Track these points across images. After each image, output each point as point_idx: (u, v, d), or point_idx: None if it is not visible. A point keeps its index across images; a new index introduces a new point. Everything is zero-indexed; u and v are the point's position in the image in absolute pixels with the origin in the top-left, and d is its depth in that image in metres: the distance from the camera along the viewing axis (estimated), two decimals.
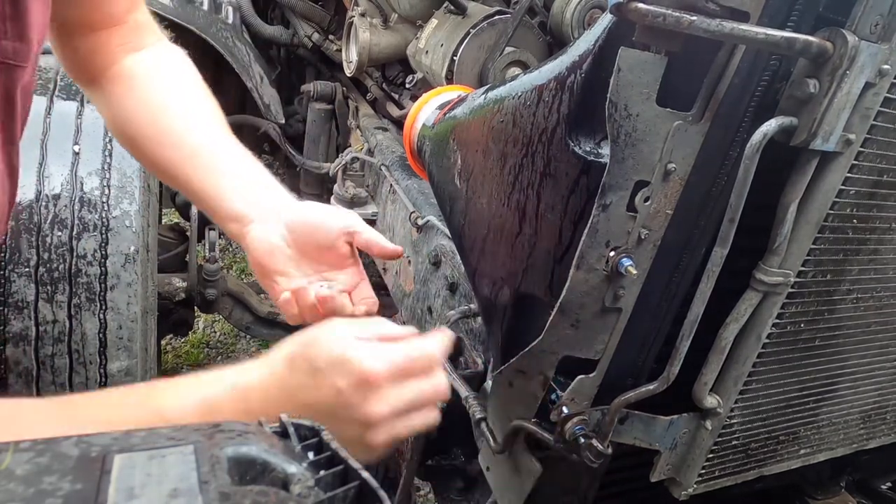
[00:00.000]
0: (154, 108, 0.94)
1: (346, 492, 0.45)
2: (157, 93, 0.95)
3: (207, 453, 0.41)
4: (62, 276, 1.59)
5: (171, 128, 0.92)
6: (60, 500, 0.36)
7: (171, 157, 0.92)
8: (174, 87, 0.96)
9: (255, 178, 0.91)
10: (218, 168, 0.90)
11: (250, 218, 0.87)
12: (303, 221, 0.87)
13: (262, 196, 0.89)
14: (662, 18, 0.64)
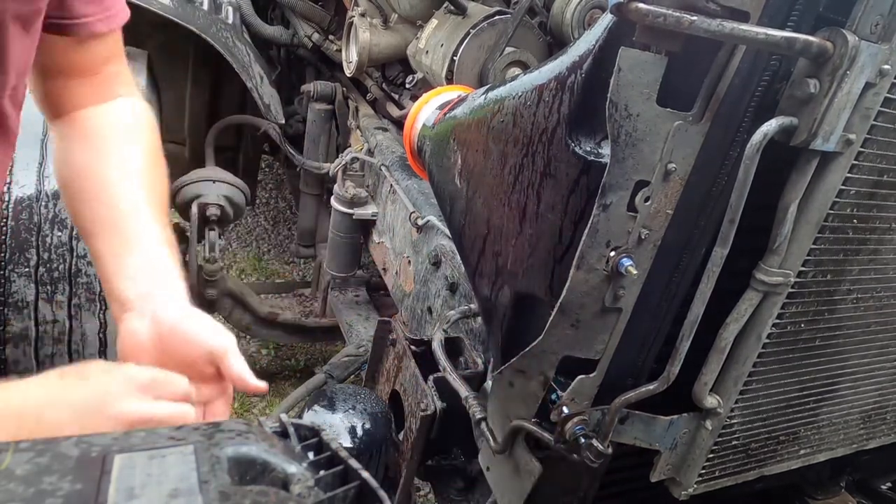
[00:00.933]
0: (93, 166, 0.94)
1: (346, 492, 0.45)
2: (102, 152, 0.95)
3: (207, 453, 0.41)
4: (62, 276, 1.59)
5: (101, 192, 0.91)
6: (60, 500, 0.36)
7: (91, 219, 0.91)
8: (121, 150, 0.96)
9: (155, 269, 0.88)
10: (126, 248, 0.88)
11: (131, 306, 0.85)
12: (174, 330, 0.82)
13: (151, 289, 0.86)
14: (663, 18, 0.64)
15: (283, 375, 3.13)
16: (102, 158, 0.95)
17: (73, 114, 0.98)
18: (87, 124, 0.98)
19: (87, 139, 0.97)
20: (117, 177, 0.92)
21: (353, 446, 1.18)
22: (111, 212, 0.90)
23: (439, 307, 1.61)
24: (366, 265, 2.58)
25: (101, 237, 0.89)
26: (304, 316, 2.76)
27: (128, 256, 0.87)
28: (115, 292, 0.86)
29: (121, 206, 0.90)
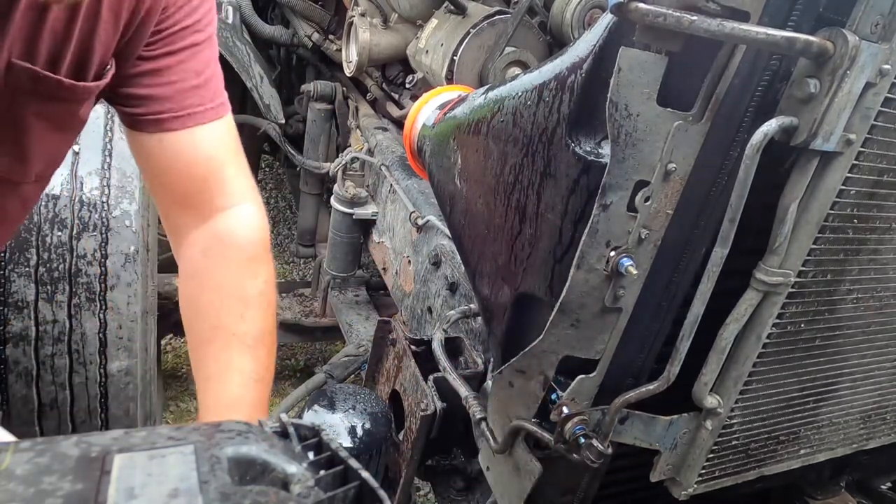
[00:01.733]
0: (200, 322, 0.97)
1: (346, 492, 0.45)
2: (206, 304, 0.96)
3: (207, 453, 0.41)
4: (62, 275, 1.59)
5: (207, 364, 0.96)
6: (60, 500, 0.36)
7: (200, 367, 0.98)
8: (223, 302, 0.96)
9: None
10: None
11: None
12: None
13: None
14: (663, 18, 0.64)
15: (283, 375, 3.13)
16: (210, 316, 0.96)
17: (185, 243, 0.96)
18: (195, 259, 0.96)
19: (197, 279, 0.97)
20: (215, 365, 0.96)
21: (353, 446, 1.18)
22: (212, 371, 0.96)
23: (439, 307, 1.61)
24: (366, 265, 2.58)
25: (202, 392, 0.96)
26: (303, 316, 2.76)
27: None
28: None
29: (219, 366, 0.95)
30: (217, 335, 0.94)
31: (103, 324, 1.64)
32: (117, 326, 1.65)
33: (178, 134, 0.88)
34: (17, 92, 0.75)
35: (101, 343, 1.65)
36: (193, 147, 0.90)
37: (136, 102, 0.86)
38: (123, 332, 1.66)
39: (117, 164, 1.67)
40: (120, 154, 1.69)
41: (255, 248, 0.99)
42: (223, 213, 0.96)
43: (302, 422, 0.50)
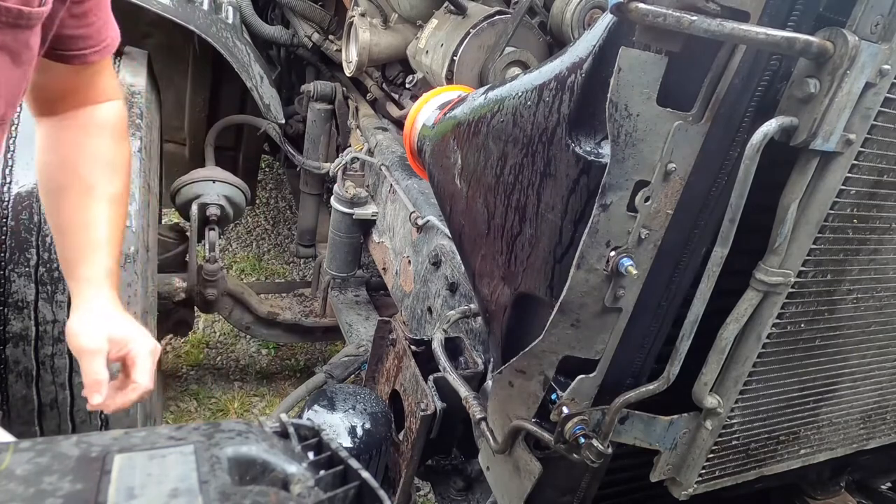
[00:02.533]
0: (60, 176, 1.09)
1: (346, 492, 0.45)
2: (69, 160, 1.09)
3: (207, 453, 0.41)
4: (62, 275, 1.59)
5: (74, 215, 1.09)
6: (60, 500, 0.36)
7: (67, 219, 1.10)
8: (86, 158, 1.10)
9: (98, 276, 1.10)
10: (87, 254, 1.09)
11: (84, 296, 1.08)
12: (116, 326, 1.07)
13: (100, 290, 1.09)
14: (663, 18, 0.64)
15: (283, 375, 3.13)
16: (87, 166, 1.10)
17: (63, 113, 1.10)
18: (75, 123, 1.10)
19: (60, 143, 1.10)
20: (81, 191, 1.09)
21: (353, 446, 1.18)
22: (83, 221, 1.09)
23: (439, 307, 1.61)
24: (366, 265, 2.58)
25: (70, 237, 1.10)
26: (303, 316, 2.76)
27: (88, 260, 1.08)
28: (75, 278, 1.09)
29: (91, 228, 1.09)
30: (88, 191, 1.09)
31: None
32: None
33: (93, 65, 1.03)
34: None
35: None
36: (96, 72, 1.06)
37: (68, 43, 0.97)
38: None
39: None
40: None
41: (122, 126, 1.16)
42: (98, 104, 1.12)
43: (302, 422, 0.50)
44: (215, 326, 3.34)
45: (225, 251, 4.00)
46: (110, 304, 1.08)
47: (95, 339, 1.02)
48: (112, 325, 1.05)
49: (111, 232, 1.11)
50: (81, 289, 1.08)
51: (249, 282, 3.39)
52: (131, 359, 1.05)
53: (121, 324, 1.07)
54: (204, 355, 3.19)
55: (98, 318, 1.05)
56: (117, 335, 1.05)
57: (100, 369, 1.01)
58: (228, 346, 3.27)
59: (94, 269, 1.08)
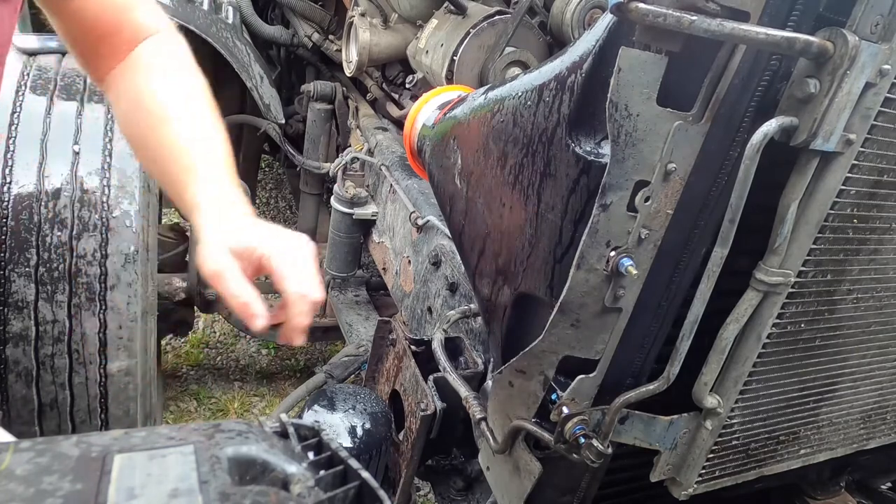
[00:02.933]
0: (145, 111, 0.98)
1: (346, 492, 0.45)
2: (148, 96, 0.98)
3: (207, 453, 0.41)
4: (62, 275, 1.59)
5: (162, 132, 0.97)
6: (60, 500, 0.36)
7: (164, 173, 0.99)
8: (167, 90, 0.99)
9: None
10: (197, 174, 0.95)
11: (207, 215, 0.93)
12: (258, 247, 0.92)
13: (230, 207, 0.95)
14: (663, 18, 0.64)
15: (283, 375, 3.13)
16: (155, 102, 0.98)
17: (114, 71, 1.00)
18: (128, 70, 1.00)
19: (133, 86, 0.99)
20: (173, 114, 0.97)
21: (353, 446, 1.18)
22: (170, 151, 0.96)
23: (439, 307, 1.61)
24: (366, 265, 2.58)
25: (168, 174, 0.97)
26: None
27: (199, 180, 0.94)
28: (185, 209, 0.95)
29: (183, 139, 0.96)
30: (171, 116, 0.97)
31: (103, 324, 1.64)
32: (117, 326, 1.65)
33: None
34: None
35: (101, 343, 1.65)
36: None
37: None
38: (123, 332, 1.66)
39: (117, 164, 1.67)
40: (120, 154, 1.69)
41: (185, 51, 1.04)
42: (148, 37, 1.02)
43: (302, 422, 0.50)
44: (215, 326, 3.34)
45: None
46: (224, 217, 0.91)
47: (213, 260, 0.85)
48: (230, 237, 0.87)
49: (205, 145, 0.96)
50: (192, 219, 0.92)
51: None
52: (269, 268, 0.87)
53: (242, 231, 0.89)
54: (204, 355, 3.19)
55: (211, 237, 0.88)
56: (239, 245, 0.87)
57: (235, 289, 0.83)
58: (228, 346, 3.27)
59: (193, 189, 0.92)
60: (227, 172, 0.96)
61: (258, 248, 0.87)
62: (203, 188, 0.93)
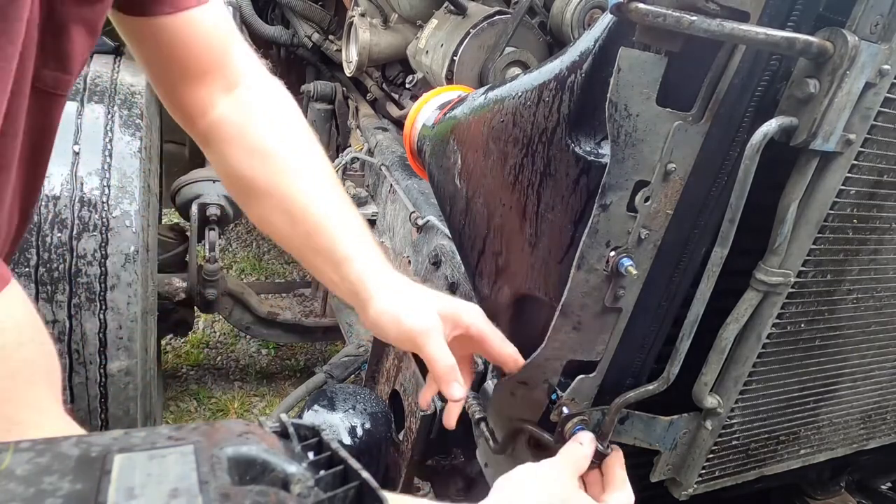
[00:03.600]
0: (265, 167, 0.93)
1: (346, 492, 0.45)
2: (262, 150, 0.94)
3: (207, 453, 0.41)
4: (62, 276, 1.59)
5: (292, 195, 0.92)
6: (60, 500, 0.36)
7: (295, 226, 0.92)
8: (282, 142, 0.95)
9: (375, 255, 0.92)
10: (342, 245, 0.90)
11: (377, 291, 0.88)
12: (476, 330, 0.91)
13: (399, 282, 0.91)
14: (663, 18, 0.64)
15: (283, 375, 3.13)
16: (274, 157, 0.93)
17: (208, 118, 0.96)
18: (230, 124, 0.95)
19: (239, 141, 0.94)
20: (299, 172, 0.92)
21: (353, 446, 1.18)
22: (314, 218, 0.91)
23: None
24: None
25: (309, 226, 0.91)
26: (304, 316, 2.76)
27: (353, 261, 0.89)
28: (343, 263, 0.89)
29: (319, 207, 0.91)
30: (298, 168, 0.93)
31: (103, 324, 1.64)
32: (117, 326, 1.65)
33: (194, 11, 0.89)
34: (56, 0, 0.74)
35: (101, 343, 1.65)
36: (208, 21, 0.91)
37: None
38: (123, 332, 1.66)
39: (117, 164, 1.68)
40: (120, 154, 1.69)
41: (288, 97, 1.00)
42: (247, 76, 0.97)
43: (302, 422, 0.50)
44: (215, 326, 3.34)
45: (225, 251, 4.00)
46: (405, 278, 0.89)
47: (425, 317, 0.83)
48: (434, 300, 0.86)
49: (349, 203, 0.93)
50: (361, 273, 0.88)
51: (249, 282, 3.39)
52: (478, 334, 0.87)
53: (441, 297, 0.88)
54: (204, 355, 3.19)
55: (410, 293, 0.86)
56: (446, 309, 0.85)
57: (443, 351, 0.82)
58: (228, 346, 3.27)
59: (362, 247, 0.89)
60: (370, 236, 0.94)
61: (462, 315, 0.87)
62: (369, 247, 0.90)
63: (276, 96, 0.99)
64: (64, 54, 0.79)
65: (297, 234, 0.92)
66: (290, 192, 0.92)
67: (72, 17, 0.78)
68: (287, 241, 0.95)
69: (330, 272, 0.91)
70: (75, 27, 0.79)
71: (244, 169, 0.95)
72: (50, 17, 0.76)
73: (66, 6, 0.76)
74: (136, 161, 1.70)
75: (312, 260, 0.93)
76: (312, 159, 0.95)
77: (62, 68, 0.80)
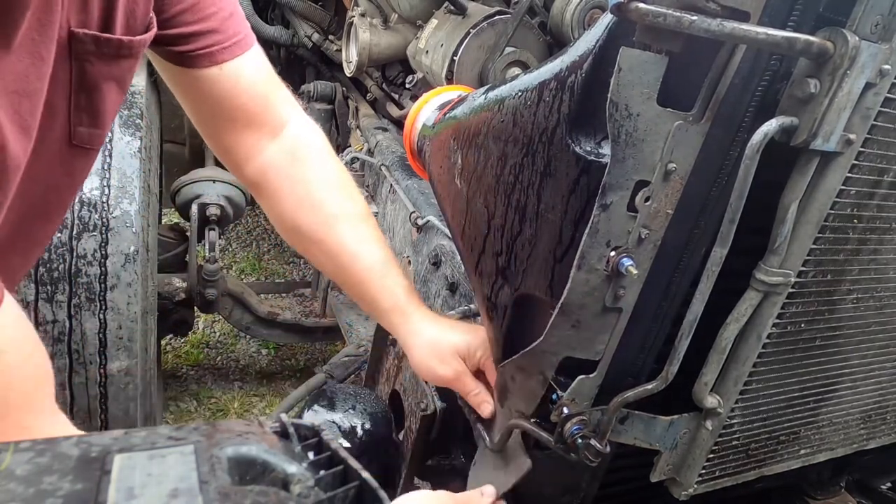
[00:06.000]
0: (313, 217, 1.03)
1: (346, 492, 0.45)
2: (311, 200, 1.03)
3: (207, 453, 0.41)
4: (62, 276, 1.59)
5: (338, 247, 1.04)
6: (60, 500, 0.36)
7: (343, 274, 1.07)
8: (328, 190, 1.04)
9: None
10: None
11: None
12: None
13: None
14: (663, 18, 0.64)
15: (283, 375, 3.13)
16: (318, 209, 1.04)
17: (254, 164, 1.03)
18: (276, 172, 1.03)
19: (286, 190, 1.03)
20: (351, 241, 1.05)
21: (353, 446, 1.18)
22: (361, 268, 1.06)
23: (439, 307, 1.61)
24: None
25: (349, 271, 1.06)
26: (304, 316, 2.76)
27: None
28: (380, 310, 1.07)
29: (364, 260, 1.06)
30: (343, 220, 1.04)
31: (103, 324, 1.64)
32: (117, 326, 1.65)
33: (234, 62, 0.93)
34: (86, 59, 0.77)
35: (101, 343, 1.65)
36: (248, 71, 0.96)
37: (184, 41, 0.89)
38: (123, 332, 1.66)
39: (117, 164, 1.68)
40: (120, 154, 1.69)
41: (328, 144, 1.09)
42: (290, 123, 1.04)
43: (302, 422, 0.50)
44: (215, 326, 3.34)
45: (225, 251, 4.00)
46: (433, 320, 1.06)
47: (448, 366, 1.02)
48: (452, 343, 1.03)
49: (386, 250, 1.07)
50: (397, 321, 1.06)
51: (249, 282, 3.39)
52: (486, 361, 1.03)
53: (457, 336, 1.05)
54: (204, 355, 3.19)
55: (435, 341, 1.04)
56: (462, 348, 1.03)
57: (471, 387, 1.01)
58: (228, 346, 3.27)
59: (396, 293, 1.06)
60: (403, 275, 1.08)
61: (475, 350, 1.03)
62: (401, 290, 1.05)
63: (319, 142, 1.07)
64: (96, 111, 0.82)
65: (344, 282, 1.08)
66: (337, 243, 1.04)
67: (102, 76, 0.81)
68: (337, 281, 1.10)
69: (378, 318, 1.10)
70: (106, 85, 0.81)
71: (294, 218, 1.06)
72: (82, 78, 0.78)
73: (95, 66, 0.79)
74: (136, 161, 1.70)
75: (360, 301, 1.09)
76: (355, 206, 1.06)
77: (95, 124, 0.82)
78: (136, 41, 0.81)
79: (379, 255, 1.06)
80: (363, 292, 1.06)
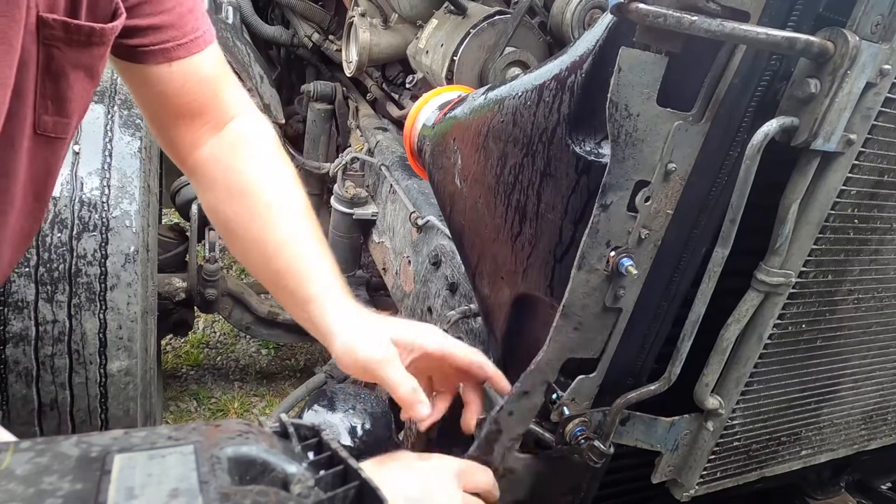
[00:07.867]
0: (243, 208, 0.97)
1: (346, 492, 0.45)
2: (241, 191, 0.97)
3: (207, 453, 0.41)
4: (62, 276, 1.59)
5: (265, 237, 0.95)
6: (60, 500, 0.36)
7: (271, 263, 0.96)
8: (261, 182, 0.98)
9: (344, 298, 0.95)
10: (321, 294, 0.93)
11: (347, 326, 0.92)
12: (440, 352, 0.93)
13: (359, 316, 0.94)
14: (663, 19, 0.64)
15: (283, 375, 3.13)
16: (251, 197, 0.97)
17: (196, 154, 0.99)
18: (215, 160, 0.99)
19: (222, 179, 0.98)
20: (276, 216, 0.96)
21: (353, 446, 1.18)
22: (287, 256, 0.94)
23: (439, 307, 1.61)
24: (366, 265, 2.58)
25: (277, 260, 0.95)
26: None
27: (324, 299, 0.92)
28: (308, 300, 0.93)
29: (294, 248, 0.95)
30: (274, 209, 0.96)
31: (103, 324, 1.64)
32: (117, 326, 1.65)
33: (187, 60, 0.91)
34: (54, 45, 0.76)
35: (101, 343, 1.65)
36: (201, 69, 0.94)
37: (139, 34, 0.86)
38: (123, 332, 1.66)
39: (117, 164, 1.68)
40: (120, 154, 1.69)
41: (276, 140, 1.04)
42: (236, 119, 1.01)
43: (302, 422, 0.50)
44: (215, 326, 3.34)
45: (225, 251, 3.99)
46: (365, 311, 0.92)
47: (379, 347, 0.86)
48: (389, 328, 0.89)
49: (323, 246, 0.96)
50: (324, 313, 0.91)
51: (249, 282, 3.39)
52: (437, 353, 0.90)
53: (398, 324, 0.91)
54: (204, 355, 3.19)
55: (366, 326, 0.89)
56: (401, 336, 0.89)
57: (402, 376, 0.85)
58: (228, 346, 3.27)
59: (327, 287, 0.92)
60: (337, 273, 0.96)
61: (417, 338, 0.90)
62: (332, 282, 0.93)
63: (263, 137, 1.03)
64: (62, 99, 0.80)
65: (269, 273, 0.96)
66: (264, 233, 0.95)
67: (70, 63, 0.79)
68: (263, 279, 0.99)
69: (299, 311, 0.94)
70: (74, 72, 0.80)
71: (224, 209, 0.98)
72: (48, 65, 0.77)
73: (63, 52, 0.78)
74: (136, 161, 1.70)
75: (284, 299, 0.97)
76: (289, 198, 0.98)
77: (60, 112, 0.81)
78: (107, 28, 0.79)
79: (314, 246, 0.95)
80: (288, 280, 0.93)
